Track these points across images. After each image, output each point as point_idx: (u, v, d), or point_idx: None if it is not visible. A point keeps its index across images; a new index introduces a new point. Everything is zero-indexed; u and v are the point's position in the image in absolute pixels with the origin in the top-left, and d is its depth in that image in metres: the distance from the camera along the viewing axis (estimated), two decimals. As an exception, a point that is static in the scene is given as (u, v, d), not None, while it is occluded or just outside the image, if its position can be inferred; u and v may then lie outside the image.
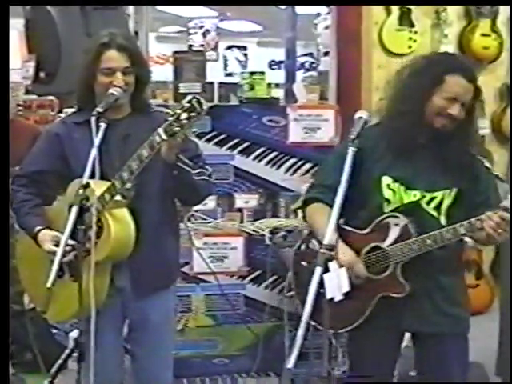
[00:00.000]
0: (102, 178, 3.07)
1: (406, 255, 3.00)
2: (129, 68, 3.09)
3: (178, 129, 2.76)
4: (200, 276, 4.37)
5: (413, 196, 3.07)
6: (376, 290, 3.07)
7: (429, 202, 3.08)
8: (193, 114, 2.75)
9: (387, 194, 3.09)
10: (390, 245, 3.03)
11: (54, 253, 2.99)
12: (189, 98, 2.77)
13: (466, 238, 3.07)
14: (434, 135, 3.02)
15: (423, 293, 3.09)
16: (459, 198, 3.08)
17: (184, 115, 2.75)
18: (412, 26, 4.90)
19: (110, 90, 3.06)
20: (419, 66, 3.11)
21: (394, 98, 3.17)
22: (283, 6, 7.29)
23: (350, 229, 3.16)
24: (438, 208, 3.08)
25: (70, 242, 2.93)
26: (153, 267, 3.18)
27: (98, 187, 3.01)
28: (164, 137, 2.80)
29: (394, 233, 3.04)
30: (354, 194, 3.07)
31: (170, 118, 2.77)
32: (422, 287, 3.07)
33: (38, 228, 3.15)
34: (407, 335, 3.31)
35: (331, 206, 2.95)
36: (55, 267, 2.84)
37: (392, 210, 3.08)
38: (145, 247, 3.10)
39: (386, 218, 3.07)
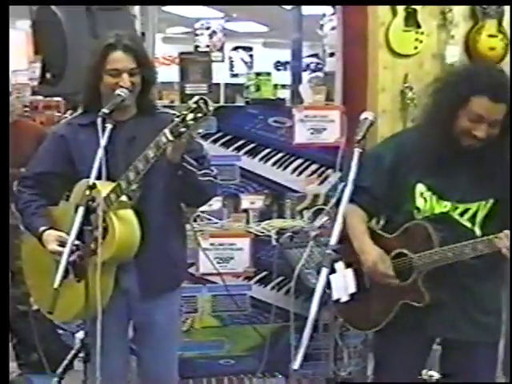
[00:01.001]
0: (108, 179, 3.07)
1: (428, 265, 2.97)
2: (135, 69, 3.09)
3: (184, 129, 2.76)
4: (206, 277, 4.38)
5: (443, 207, 3.05)
6: (398, 297, 3.05)
7: (462, 214, 3.04)
8: (199, 114, 2.75)
9: (419, 202, 3.07)
10: (412, 249, 3.02)
11: (58, 253, 2.99)
12: (195, 98, 2.77)
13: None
14: (466, 150, 2.97)
15: (453, 300, 3.05)
16: (496, 210, 3.02)
17: (190, 116, 2.75)
18: (418, 26, 4.89)
19: (117, 91, 3.06)
20: (447, 83, 3.06)
21: (424, 111, 3.14)
22: (289, 7, 7.29)
23: (379, 232, 3.16)
24: (472, 219, 3.04)
25: (76, 242, 2.93)
26: (159, 269, 3.18)
27: (104, 188, 3.01)
28: (170, 137, 2.80)
29: (414, 238, 3.04)
30: (391, 198, 3.06)
31: (176, 119, 2.77)
32: (451, 294, 3.03)
33: (43, 228, 3.16)
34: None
35: (364, 209, 3.03)
36: (62, 268, 2.84)
37: (422, 219, 3.05)
38: (150, 248, 3.10)
39: (413, 224, 3.05)
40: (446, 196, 3.04)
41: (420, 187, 3.07)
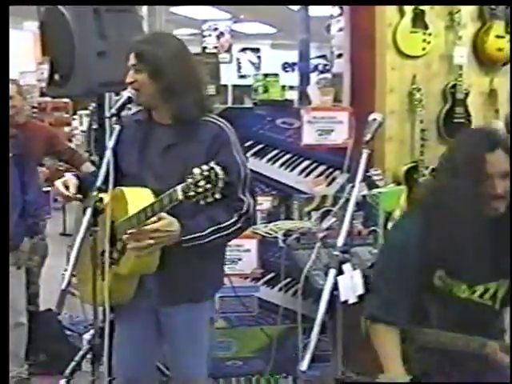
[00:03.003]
0: (144, 183, 3.03)
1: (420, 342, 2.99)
2: (135, 66, 3.06)
3: (192, 193, 2.71)
4: (214, 278, 4.37)
5: (462, 291, 2.96)
6: None
7: (482, 295, 2.96)
8: (208, 186, 2.66)
9: (437, 283, 2.97)
10: None
11: (56, 191, 3.06)
12: (209, 166, 2.69)
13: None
14: (496, 222, 2.86)
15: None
16: None
17: (202, 183, 2.69)
18: (426, 27, 4.89)
19: (124, 92, 3.07)
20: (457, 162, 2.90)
21: (437, 195, 2.98)
22: (296, 8, 7.30)
23: None
24: (493, 297, 2.97)
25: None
26: (181, 279, 3.12)
27: (135, 197, 3.00)
28: (180, 197, 2.74)
29: None
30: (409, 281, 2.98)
31: (189, 180, 2.72)
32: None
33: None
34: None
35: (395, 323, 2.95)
36: (69, 269, 2.84)
37: (441, 301, 2.99)
38: (174, 260, 3.05)
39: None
40: (464, 278, 2.94)
41: (439, 271, 2.96)
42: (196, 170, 2.67)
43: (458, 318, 2.95)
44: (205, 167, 2.67)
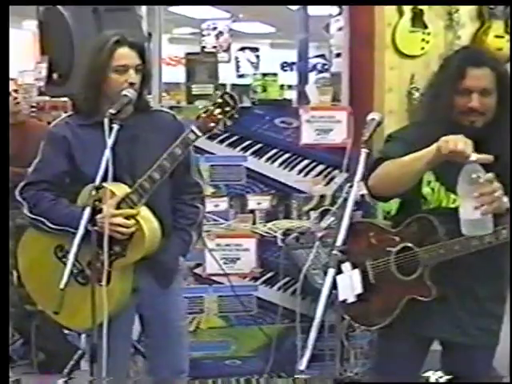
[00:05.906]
0: (117, 179, 3.04)
1: (434, 259, 2.91)
2: (139, 66, 3.08)
3: (213, 124, 2.78)
4: (212, 277, 4.38)
5: (452, 202, 2.94)
6: (404, 292, 2.99)
7: None
8: (227, 108, 2.77)
9: (426, 191, 2.98)
10: (417, 243, 2.98)
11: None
12: (220, 92, 2.79)
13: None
14: (471, 135, 2.79)
15: (457, 301, 2.99)
16: None
17: (218, 110, 2.76)
18: (425, 27, 4.89)
19: (124, 92, 3.03)
20: (435, 75, 3.02)
21: (423, 104, 3.12)
22: (295, 8, 7.29)
23: (383, 226, 3.13)
24: None
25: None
26: (165, 262, 3.19)
27: (118, 189, 3.00)
28: (199, 133, 2.82)
29: (419, 231, 3.00)
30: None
31: (203, 114, 2.77)
32: (455, 295, 2.97)
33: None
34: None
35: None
36: (67, 270, 2.83)
37: (429, 210, 2.99)
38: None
39: (417, 217, 2.98)
40: (455, 188, 2.83)
41: (427, 175, 2.95)
42: (208, 106, 2.82)
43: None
44: (216, 97, 2.83)
